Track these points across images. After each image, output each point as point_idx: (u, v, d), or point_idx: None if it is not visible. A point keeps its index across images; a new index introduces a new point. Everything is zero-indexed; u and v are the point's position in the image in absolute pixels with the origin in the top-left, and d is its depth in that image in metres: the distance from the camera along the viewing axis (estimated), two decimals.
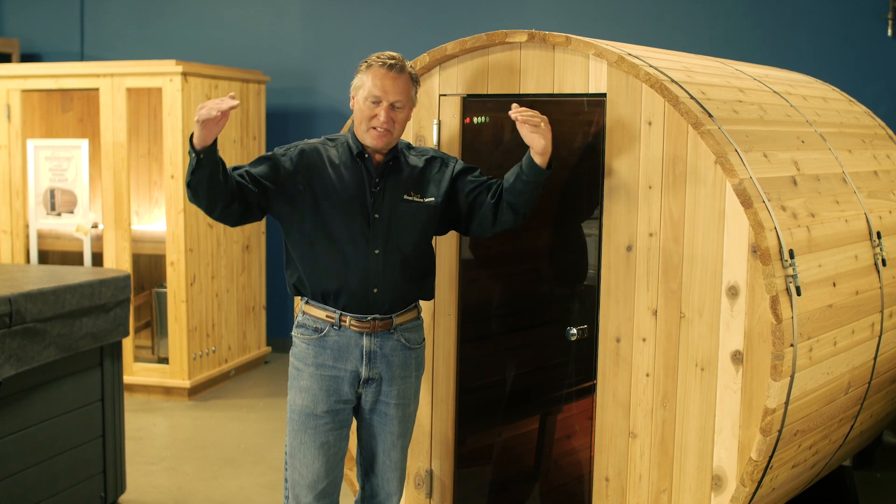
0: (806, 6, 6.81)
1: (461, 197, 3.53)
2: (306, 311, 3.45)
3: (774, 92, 4.18)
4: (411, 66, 3.45)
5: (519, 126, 3.33)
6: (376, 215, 3.38)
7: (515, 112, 3.32)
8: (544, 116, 3.33)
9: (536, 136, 3.32)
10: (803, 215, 3.51)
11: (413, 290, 3.51)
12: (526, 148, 3.37)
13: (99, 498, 4.58)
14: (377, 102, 3.34)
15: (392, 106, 3.35)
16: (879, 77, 6.65)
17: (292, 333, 3.50)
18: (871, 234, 3.96)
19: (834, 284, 3.57)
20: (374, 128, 3.35)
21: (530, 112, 3.32)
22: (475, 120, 4.10)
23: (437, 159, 3.56)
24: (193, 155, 3.15)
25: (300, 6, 8.00)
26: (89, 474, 4.52)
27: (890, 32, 6.60)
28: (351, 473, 4.11)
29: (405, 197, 3.43)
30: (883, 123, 5.06)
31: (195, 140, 3.12)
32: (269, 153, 3.44)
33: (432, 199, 3.48)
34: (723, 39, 6.91)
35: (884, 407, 4.42)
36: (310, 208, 3.38)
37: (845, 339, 3.65)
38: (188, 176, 3.20)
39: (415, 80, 3.44)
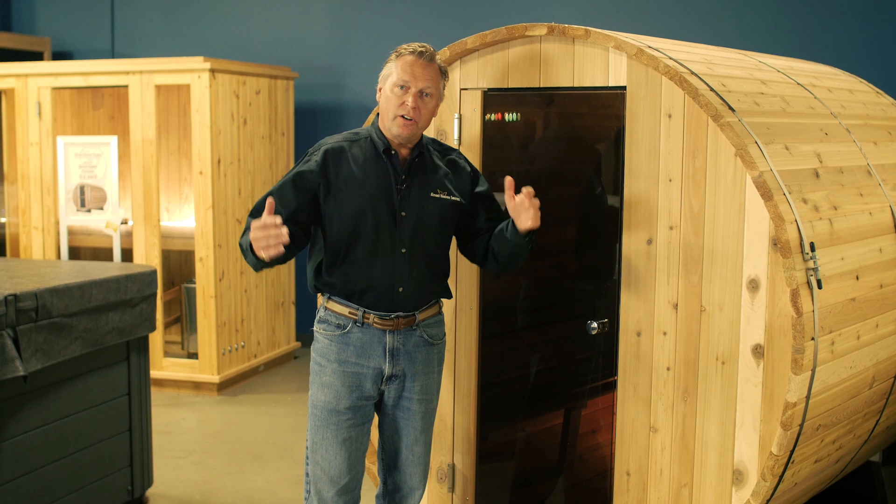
0: None
1: (476, 217, 3.52)
2: (329, 306, 3.43)
3: (798, 84, 4.14)
4: (440, 58, 3.42)
5: (512, 204, 3.32)
6: (403, 213, 3.34)
7: (525, 196, 3.29)
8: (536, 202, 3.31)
9: (526, 220, 3.31)
10: (825, 208, 3.47)
11: (437, 288, 3.49)
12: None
13: (126, 491, 4.63)
14: (406, 89, 3.29)
15: (421, 93, 3.30)
16: None
17: (314, 329, 3.48)
18: None
19: (857, 278, 3.53)
20: (402, 115, 3.30)
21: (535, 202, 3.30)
22: (507, 117, 4.08)
23: (462, 160, 3.54)
24: (255, 261, 3.22)
25: (327, 2, 8.02)
26: (116, 468, 4.56)
27: None
28: (373, 467, 4.12)
29: (432, 194, 3.39)
30: None
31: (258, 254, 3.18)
32: (295, 172, 3.37)
33: (458, 198, 3.45)
34: (747, 33, 6.85)
35: None
36: (336, 208, 3.35)
37: (869, 333, 3.61)
38: (250, 260, 3.25)
39: (443, 73, 3.40)
